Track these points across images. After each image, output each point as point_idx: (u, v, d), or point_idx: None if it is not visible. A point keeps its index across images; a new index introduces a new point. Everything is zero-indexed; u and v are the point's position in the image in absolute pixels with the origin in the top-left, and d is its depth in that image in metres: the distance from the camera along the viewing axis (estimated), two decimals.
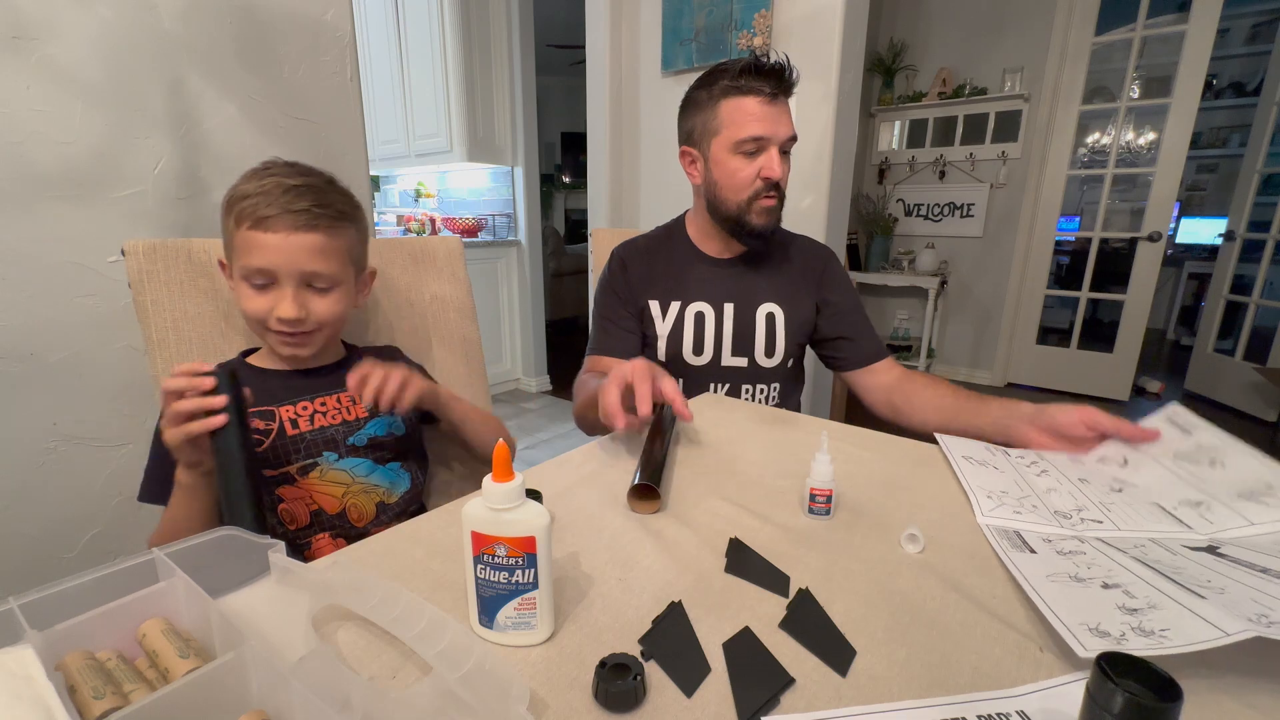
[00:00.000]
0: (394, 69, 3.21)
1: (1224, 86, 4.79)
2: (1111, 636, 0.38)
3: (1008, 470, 0.67)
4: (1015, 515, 0.58)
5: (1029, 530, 0.55)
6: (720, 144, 0.98)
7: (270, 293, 0.69)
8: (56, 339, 1.02)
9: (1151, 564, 0.47)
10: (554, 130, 6.26)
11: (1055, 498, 0.61)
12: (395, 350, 0.88)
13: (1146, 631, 0.39)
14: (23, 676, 0.31)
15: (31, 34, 0.94)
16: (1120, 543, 0.52)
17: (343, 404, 0.76)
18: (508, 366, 3.50)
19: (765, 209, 0.98)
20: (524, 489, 0.39)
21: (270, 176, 0.68)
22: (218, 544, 0.45)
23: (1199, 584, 0.43)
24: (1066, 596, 0.44)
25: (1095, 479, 0.64)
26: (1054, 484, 0.64)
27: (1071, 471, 0.66)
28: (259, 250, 0.67)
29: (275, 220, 0.67)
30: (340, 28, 1.30)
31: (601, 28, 2.12)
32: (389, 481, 0.77)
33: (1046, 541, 0.53)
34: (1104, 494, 0.61)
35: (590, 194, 2.33)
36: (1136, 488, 0.62)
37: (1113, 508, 0.59)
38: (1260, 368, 2.98)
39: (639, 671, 0.35)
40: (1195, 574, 0.45)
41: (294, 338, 0.71)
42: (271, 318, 0.69)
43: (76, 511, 1.07)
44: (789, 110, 0.98)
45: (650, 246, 1.10)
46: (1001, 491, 0.62)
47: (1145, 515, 0.57)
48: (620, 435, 0.75)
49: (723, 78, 0.96)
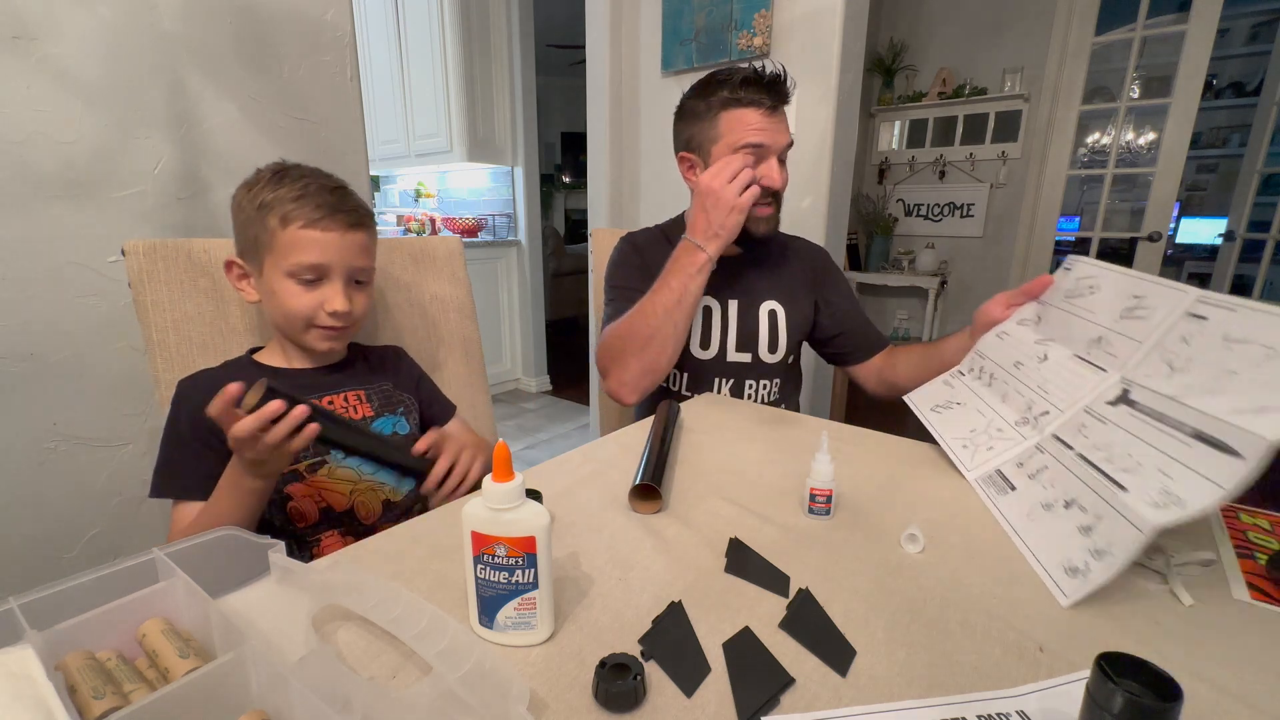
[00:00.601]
0: (394, 69, 3.21)
1: (1224, 86, 4.79)
2: (1079, 571, 0.47)
3: (966, 397, 0.77)
4: (989, 453, 0.67)
5: (1006, 462, 0.64)
6: (720, 151, 0.98)
7: (318, 289, 0.72)
8: (56, 339, 1.02)
9: (1092, 458, 0.55)
10: (554, 130, 6.26)
11: (1008, 406, 0.70)
12: (400, 351, 0.88)
13: (1099, 552, 0.47)
14: (23, 676, 0.31)
15: (31, 34, 0.94)
16: (1067, 431, 0.61)
17: (349, 402, 0.77)
18: (508, 366, 3.50)
19: (763, 216, 0.99)
20: (524, 489, 0.39)
21: (302, 179, 0.71)
22: (218, 544, 0.46)
23: (1123, 468, 0.52)
24: (1043, 534, 0.53)
25: (1025, 355, 0.73)
26: (1002, 385, 0.74)
27: (1006, 357, 0.76)
28: (314, 247, 0.70)
29: (329, 219, 0.70)
30: (340, 28, 1.30)
31: (601, 28, 2.12)
32: (394, 480, 0.77)
33: (1019, 466, 0.62)
34: (1038, 371, 0.70)
35: (590, 194, 2.33)
36: (1054, 343, 0.71)
37: (1049, 385, 0.68)
38: None
39: (639, 671, 0.35)
40: (1120, 450, 0.54)
41: (338, 331, 0.75)
42: (321, 313, 0.72)
43: (76, 511, 1.07)
44: (786, 119, 0.99)
45: (654, 240, 1.11)
46: (970, 431, 0.71)
47: (1072, 376, 0.66)
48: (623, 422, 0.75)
49: (722, 89, 0.97)
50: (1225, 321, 0.55)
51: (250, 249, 0.73)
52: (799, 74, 1.76)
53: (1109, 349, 0.64)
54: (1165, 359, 0.58)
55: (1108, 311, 0.66)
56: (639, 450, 0.70)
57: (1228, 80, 4.80)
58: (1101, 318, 0.67)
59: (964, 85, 3.49)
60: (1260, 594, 0.46)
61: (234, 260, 0.75)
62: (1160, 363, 0.58)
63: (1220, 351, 0.54)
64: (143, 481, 1.13)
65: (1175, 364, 0.57)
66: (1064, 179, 3.36)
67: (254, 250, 0.72)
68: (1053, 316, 0.74)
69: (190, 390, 0.70)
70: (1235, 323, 0.54)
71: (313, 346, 0.75)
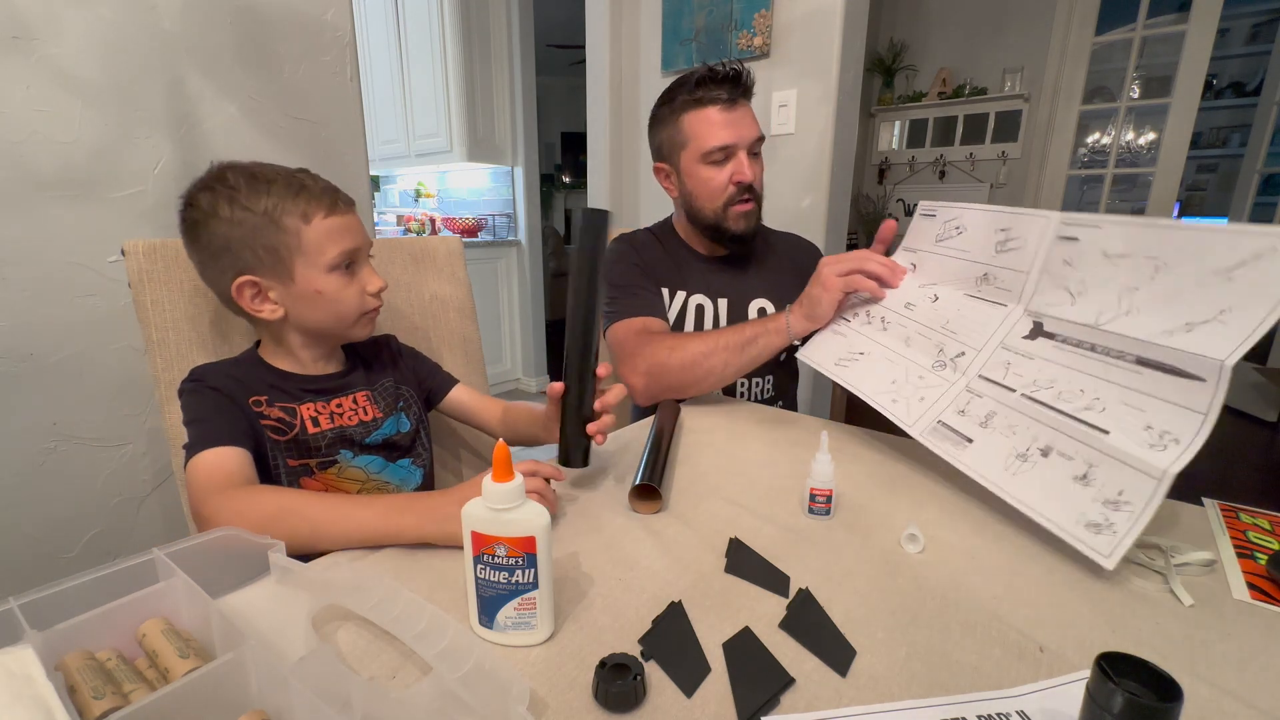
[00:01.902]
0: (394, 69, 3.21)
1: (1224, 86, 4.78)
2: (1102, 526, 0.47)
3: (867, 346, 0.75)
4: (922, 404, 0.66)
5: (945, 410, 0.64)
6: (689, 156, 1.00)
7: (354, 275, 0.70)
8: (56, 339, 1.02)
9: (1041, 398, 0.56)
10: (554, 130, 6.26)
11: (916, 350, 0.70)
12: (389, 338, 0.87)
13: (1113, 503, 0.47)
14: (23, 676, 0.31)
15: (31, 34, 0.94)
16: (994, 371, 0.62)
17: (358, 404, 0.76)
18: (508, 366, 3.50)
19: (741, 214, 1.00)
20: (524, 489, 0.39)
21: (279, 173, 0.67)
22: (218, 544, 0.45)
23: (1085, 406, 0.52)
24: (1037, 490, 0.52)
25: (914, 297, 0.73)
26: (899, 329, 0.73)
27: (895, 299, 0.75)
28: (344, 233, 0.68)
29: (336, 203, 0.68)
30: (340, 28, 1.30)
31: (601, 28, 2.12)
32: (399, 479, 0.77)
33: (961, 414, 0.62)
34: (935, 312, 0.70)
35: (590, 194, 2.33)
36: (938, 285, 0.71)
37: (954, 325, 0.67)
38: (1260, 368, 2.98)
39: (639, 671, 0.35)
40: (1067, 386, 0.54)
41: (377, 312, 0.74)
42: (366, 297, 0.71)
43: (76, 511, 1.07)
44: (750, 111, 0.99)
45: (648, 241, 1.12)
46: (891, 383, 0.70)
47: (974, 314, 0.66)
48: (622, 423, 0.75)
49: (681, 91, 0.99)
50: (1097, 239, 0.57)
51: (267, 260, 0.66)
52: (799, 74, 1.76)
53: (998, 284, 0.65)
54: (1061, 285, 0.59)
55: (982, 248, 0.67)
56: (639, 450, 0.70)
57: (1228, 80, 4.80)
58: (979, 255, 0.67)
59: (964, 85, 3.49)
60: (1260, 594, 0.46)
61: (248, 279, 0.66)
62: (1058, 290, 0.59)
63: (1106, 268, 0.56)
64: (143, 481, 1.13)
65: (1073, 289, 0.58)
66: (1064, 179, 3.37)
67: (274, 260, 0.66)
68: (928, 262, 0.74)
69: (210, 371, 0.68)
70: (1106, 239, 0.56)
71: (358, 336, 0.74)
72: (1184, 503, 0.60)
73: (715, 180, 0.99)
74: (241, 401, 0.66)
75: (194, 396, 0.65)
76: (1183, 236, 0.52)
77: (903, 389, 0.68)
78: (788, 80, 1.78)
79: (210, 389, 0.65)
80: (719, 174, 0.98)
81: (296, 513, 0.53)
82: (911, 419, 0.66)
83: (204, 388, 0.66)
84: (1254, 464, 2.57)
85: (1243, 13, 4.45)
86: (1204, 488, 0.66)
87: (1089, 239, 0.58)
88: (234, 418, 0.64)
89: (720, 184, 0.99)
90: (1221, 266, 0.48)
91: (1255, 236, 0.47)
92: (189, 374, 0.68)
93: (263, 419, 0.67)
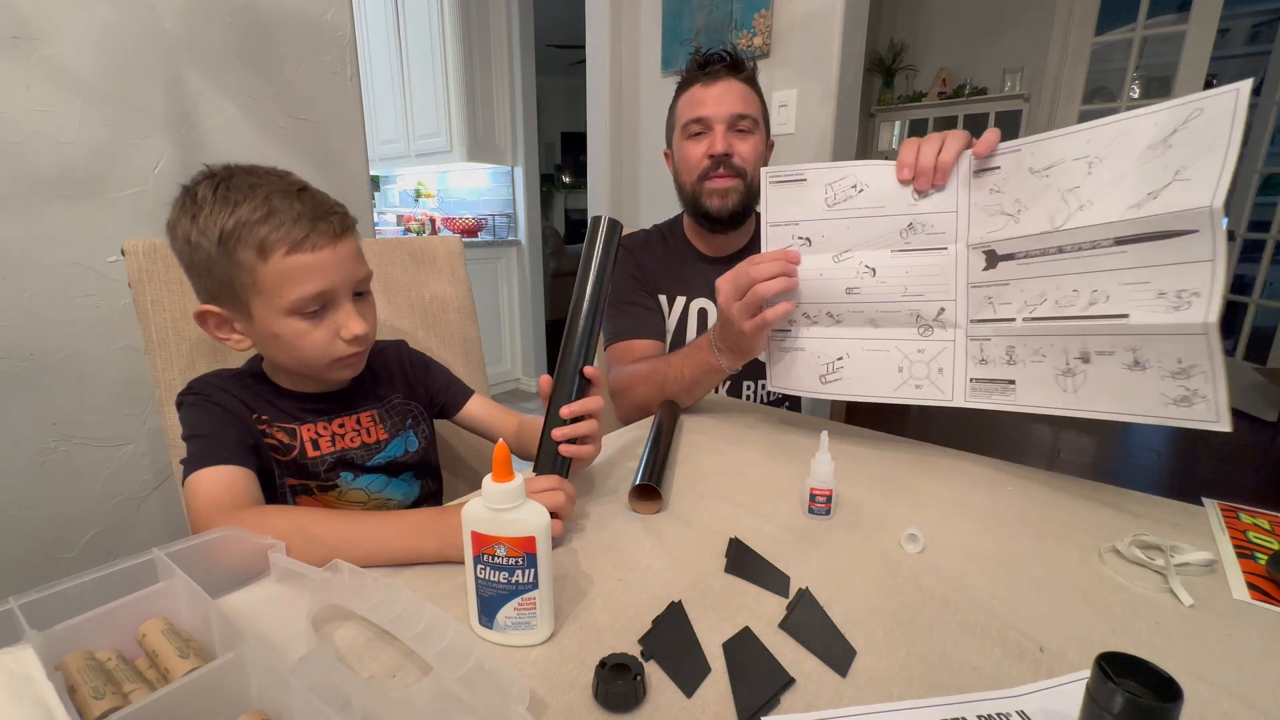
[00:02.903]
0: (394, 69, 3.21)
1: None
2: (1188, 397, 0.46)
3: (844, 348, 0.70)
4: (943, 374, 0.64)
5: (971, 369, 0.62)
6: (677, 135, 1.04)
7: (325, 319, 0.61)
8: (56, 339, 1.02)
9: (1043, 314, 0.55)
10: (554, 130, 6.26)
11: (896, 328, 0.66)
12: (400, 345, 0.84)
13: (1181, 373, 0.46)
14: (23, 676, 0.31)
15: (31, 34, 0.94)
16: (980, 312, 0.60)
17: (362, 425, 0.72)
18: (508, 366, 3.50)
19: (716, 190, 0.99)
20: (524, 489, 0.39)
21: (255, 188, 0.58)
22: (218, 544, 0.45)
23: (1090, 302, 0.51)
24: (1105, 394, 0.52)
25: (847, 278, 0.68)
26: (857, 315, 0.68)
27: (832, 290, 0.70)
28: (310, 274, 0.58)
29: (314, 235, 0.58)
30: (340, 28, 1.30)
31: (601, 28, 2.12)
32: (402, 493, 0.75)
33: (983, 364, 0.61)
34: (883, 285, 0.66)
35: (590, 194, 2.33)
36: (854, 251, 0.67)
37: (913, 288, 0.64)
38: (1260, 368, 2.97)
39: (639, 671, 0.35)
40: (1059, 294, 0.54)
41: (360, 355, 0.65)
42: (338, 343, 0.61)
43: (76, 511, 1.07)
44: (737, 88, 0.99)
45: (650, 241, 1.12)
46: (899, 371, 0.67)
47: (925, 268, 0.63)
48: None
49: (680, 79, 1.04)
50: (1018, 161, 0.57)
51: (225, 293, 0.59)
52: (799, 74, 1.76)
53: (928, 230, 0.63)
54: (996, 212, 0.59)
55: (895, 200, 0.64)
56: (639, 450, 0.70)
57: (1228, 80, 4.79)
58: (896, 207, 0.64)
59: (964, 85, 3.49)
60: (1260, 594, 0.46)
61: (207, 309, 0.61)
62: (992, 218, 0.59)
63: (1037, 182, 0.56)
64: (143, 481, 1.13)
65: (1009, 210, 0.58)
66: None
67: (231, 294, 0.59)
68: (827, 230, 0.67)
69: (212, 381, 0.65)
70: (1027, 159, 0.57)
71: (336, 379, 0.67)
72: (1184, 503, 0.60)
73: (693, 154, 1.00)
74: (245, 418, 0.64)
75: (194, 410, 0.62)
76: (1105, 132, 0.52)
77: (914, 370, 0.65)
78: (788, 80, 1.78)
79: (212, 404, 0.63)
80: (696, 147, 1.00)
81: (310, 535, 0.50)
82: (946, 393, 0.64)
83: (206, 402, 0.63)
84: (1254, 464, 2.57)
85: (1243, 13, 4.45)
86: (1204, 487, 0.66)
87: (1011, 163, 0.58)
88: (237, 435, 0.61)
89: (696, 157, 0.99)
90: (1156, 140, 0.49)
91: (1176, 108, 0.49)
92: (188, 386, 0.65)
93: (265, 437, 0.65)
